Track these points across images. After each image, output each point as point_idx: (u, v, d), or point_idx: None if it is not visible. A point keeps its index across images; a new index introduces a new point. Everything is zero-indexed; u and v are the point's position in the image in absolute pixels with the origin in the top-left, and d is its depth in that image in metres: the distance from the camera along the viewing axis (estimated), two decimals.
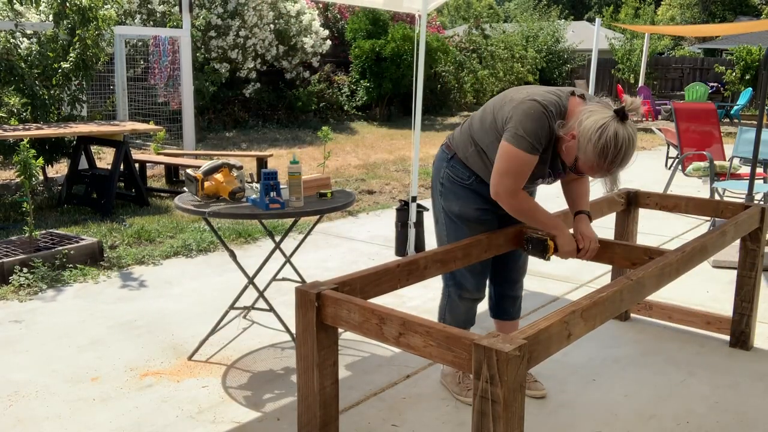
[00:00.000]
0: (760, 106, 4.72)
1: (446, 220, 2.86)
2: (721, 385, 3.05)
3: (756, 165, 4.87)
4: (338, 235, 5.67)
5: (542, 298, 4.17)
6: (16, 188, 7.06)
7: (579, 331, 1.99)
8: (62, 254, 4.51)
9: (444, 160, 2.84)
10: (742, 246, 3.35)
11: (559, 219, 2.78)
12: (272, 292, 4.04)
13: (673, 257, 2.52)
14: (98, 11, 6.75)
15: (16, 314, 3.82)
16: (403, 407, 2.83)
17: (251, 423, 2.71)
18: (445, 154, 2.85)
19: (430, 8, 4.96)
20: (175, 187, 7.50)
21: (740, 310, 3.39)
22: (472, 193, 2.79)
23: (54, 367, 3.17)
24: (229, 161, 3.19)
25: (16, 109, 6.66)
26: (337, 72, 15.70)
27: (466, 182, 2.79)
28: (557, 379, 3.09)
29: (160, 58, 9.75)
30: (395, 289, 2.36)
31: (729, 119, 16.09)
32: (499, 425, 1.69)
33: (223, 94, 13.28)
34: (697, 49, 26.93)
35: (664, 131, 9.03)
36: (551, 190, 7.72)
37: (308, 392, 2.14)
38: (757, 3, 35.52)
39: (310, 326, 2.08)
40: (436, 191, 2.89)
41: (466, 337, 1.76)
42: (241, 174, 3.18)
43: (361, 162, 9.71)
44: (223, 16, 12.64)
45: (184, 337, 3.52)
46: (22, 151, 4.39)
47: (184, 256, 4.97)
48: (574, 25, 26.25)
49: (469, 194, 2.79)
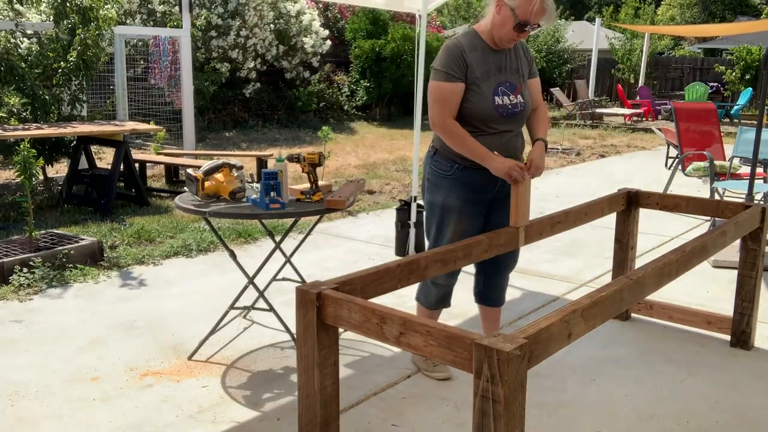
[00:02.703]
0: (760, 106, 4.72)
1: (430, 212, 3.01)
2: (721, 384, 3.05)
3: (756, 165, 4.87)
4: (338, 235, 5.67)
5: (542, 298, 4.17)
6: (16, 188, 7.06)
7: (579, 331, 1.99)
8: (62, 254, 4.51)
9: (429, 158, 3.02)
10: (743, 246, 3.35)
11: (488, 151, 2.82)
12: (272, 292, 4.04)
13: (673, 257, 2.52)
14: (99, 11, 6.75)
15: (16, 314, 3.82)
16: (403, 407, 2.83)
17: (251, 423, 2.71)
18: (429, 153, 3.03)
19: (430, 8, 4.96)
20: (175, 187, 7.50)
21: (741, 310, 3.39)
22: (454, 182, 2.91)
23: (54, 367, 3.17)
24: (229, 161, 3.19)
25: (16, 109, 6.65)
26: (337, 72, 15.70)
27: (448, 173, 2.93)
28: (557, 379, 3.09)
29: (160, 58, 9.75)
30: (396, 289, 2.36)
31: (729, 119, 16.09)
32: (500, 424, 1.69)
33: (223, 94, 13.28)
34: (697, 49, 26.93)
35: (664, 131, 9.02)
36: (551, 190, 7.72)
37: (309, 392, 2.13)
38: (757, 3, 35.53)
39: (310, 326, 2.07)
40: (424, 189, 3.08)
41: (466, 336, 1.76)
42: (241, 174, 3.18)
43: (361, 162, 9.71)
44: (223, 15, 12.65)
45: (184, 337, 3.52)
46: (22, 151, 4.39)
47: (184, 256, 4.97)
48: (574, 25, 26.23)
49: (451, 184, 2.92)
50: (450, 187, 2.91)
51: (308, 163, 3.11)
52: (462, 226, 2.93)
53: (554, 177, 8.77)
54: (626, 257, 3.70)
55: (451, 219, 2.93)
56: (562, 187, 7.98)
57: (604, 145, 12.27)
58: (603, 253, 5.10)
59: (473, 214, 2.94)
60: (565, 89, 20.28)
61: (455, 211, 2.91)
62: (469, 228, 2.95)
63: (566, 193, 7.54)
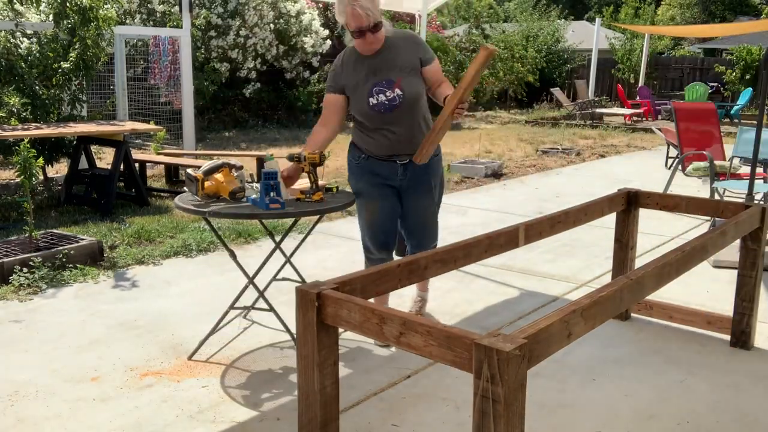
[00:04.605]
0: (760, 106, 4.72)
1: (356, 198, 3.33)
2: (721, 384, 3.05)
3: (756, 165, 4.87)
4: (338, 235, 5.67)
5: (542, 298, 4.17)
6: (16, 188, 7.06)
7: (579, 331, 1.99)
8: (62, 254, 4.51)
9: (348, 151, 3.41)
10: (743, 246, 3.35)
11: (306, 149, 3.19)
12: (272, 292, 4.04)
13: (673, 257, 2.52)
14: (99, 11, 6.75)
15: (16, 314, 3.82)
16: (403, 407, 2.83)
17: (251, 423, 2.71)
18: (349, 147, 3.42)
19: (430, 8, 4.97)
20: (175, 187, 7.50)
21: (741, 310, 3.39)
22: (362, 169, 3.34)
23: (54, 367, 3.17)
24: (229, 161, 3.19)
25: (16, 109, 6.65)
26: None
27: (357, 161, 3.36)
28: (557, 379, 3.09)
29: (160, 58, 9.75)
30: (395, 288, 2.36)
31: (729, 119, 16.09)
32: (500, 424, 1.69)
33: (223, 93, 13.28)
34: (697, 49, 26.92)
35: (664, 131, 9.03)
36: (550, 190, 7.72)
37: (308, 392, 2.14)
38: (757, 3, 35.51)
39: (310, 326, 2.08)
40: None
41: (466, 336, 1.76)
42: (241, 174, 3.18)
43: None
44: (223, 15, 12.65)
45: (184, 337, 3.52)
46: (22, 151, 4.39)
47: (184, 256, 4.97)
48: (574, 24, 26.23)
49: (360, 171, 3.34)
50: (360, 173, 3.34)
51: (309, 163, 3.11)
52: (374, 207, 3.32)
53: (554, 177, 8.77)
54: (626, 257, 3.70)
55: (364, 201, 3.34)
56: (561, 187, 7.98)
57: (604, 145, 12.27)
58: (603, 253, 5.10)
59: (383, 196, 3.32)
60: (565, 89, 20.30)
61: (366, 195, 3.33)
62: (383, 210, 3.33)
63: (566, 193, 7.54)
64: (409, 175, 3.32)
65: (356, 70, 3.20)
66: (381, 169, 3.31)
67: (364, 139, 3.31)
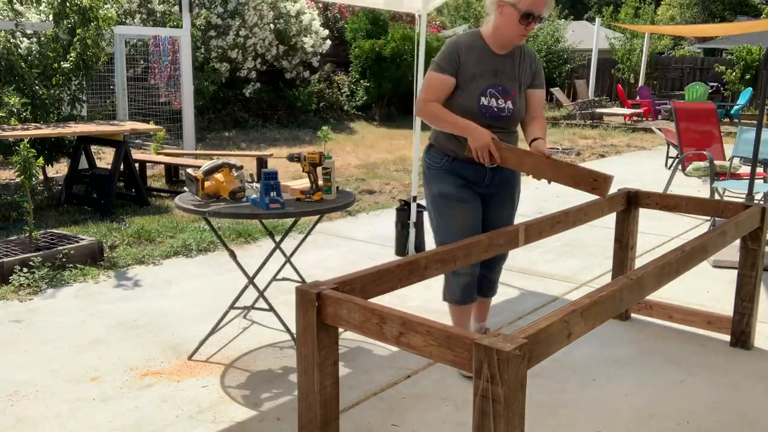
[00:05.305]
0: (760, 106, 4.72)
1: (431, 205, 3.12)
2: (721, 384, 3.05)
3: (756, 165, 4.87)
4: (338, 235, 5.67)
5: (542, 298, 4.17)
6: (16, 188, 7.06)
7: (579, 331, 1.99)
8: (62, 254, 4.50)
9: (425, 154, 3.16)
10: (743, 246, 3.35)
11: (469, 121, 2.88)
12: (272, 292, 4.04)
13: (673, 257, 2.52)
14: (98, 11, 6.75)
15: (16, 314, 3.82)
16: (403, 407, 2.83)
17: (251, 423, 2.71)
18: (425, 149, 3.18)
19: (430, 8, 4.96)
20: (175, 186, 7.50)
21: (741, 310, 3.39)
22: (447, 173, 3.06)
23: (54, 367, 3.17)
24: (229, 161, 3.19)
25: (16, 109, 6.65)
26: (337, 72, 15.70)
27: (439, 165, 3.07)
28: (557, 379, 3.09)
29: (160, 58, 9.75)
30: (396, 288, 2.36)
31: (729, 119, 16.09)
32: (500, 424, 1.69)
33: (223, 93, 13.28)
34: (697, 49, 26.92)
35: (664, 131, 9.02)
36: (550, 190, 7.72)
37: (308, 392, 2.13)
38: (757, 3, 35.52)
39: (310, 326, 2.07)
40: (424, 184, 3.19)
41: (466, 336, 1.75)
42: (241, 174, 3.18)
43: (361, 162, 9.71)
44: (223, 15, 12.64)
45: (184, 337, 3.52)
46: (22, 151, 4.39)
47: (184, 255, 4.97)
48: (574, 24, 26.22)
49: (445, 175, 3.06)
50: (444, 178, 3.06)
51: (309, 163, 3.11)
52: (463, 208, 3.03)
53: None
54: (626, 257, 3.70)
55: (449, 204, 3.04)
56: (561, 187, 7.96)
57: (604, 145, 12.27)
58: (603, 253, 5.10)
59: (471, 198, 3.05)
60: (565, 89, 20.29)
61: (452, 197, 3.03)
62: (475, 215, 3.06)
63: (566, 193, 7.53)
64: (497, 182, 3.10)
65: (480, 61, 2.92)
66: (466, 172, 3.04)
67: (453, 140, 2.99)
